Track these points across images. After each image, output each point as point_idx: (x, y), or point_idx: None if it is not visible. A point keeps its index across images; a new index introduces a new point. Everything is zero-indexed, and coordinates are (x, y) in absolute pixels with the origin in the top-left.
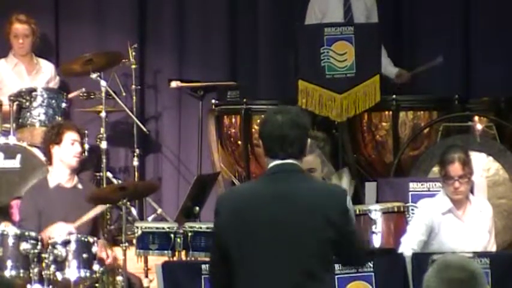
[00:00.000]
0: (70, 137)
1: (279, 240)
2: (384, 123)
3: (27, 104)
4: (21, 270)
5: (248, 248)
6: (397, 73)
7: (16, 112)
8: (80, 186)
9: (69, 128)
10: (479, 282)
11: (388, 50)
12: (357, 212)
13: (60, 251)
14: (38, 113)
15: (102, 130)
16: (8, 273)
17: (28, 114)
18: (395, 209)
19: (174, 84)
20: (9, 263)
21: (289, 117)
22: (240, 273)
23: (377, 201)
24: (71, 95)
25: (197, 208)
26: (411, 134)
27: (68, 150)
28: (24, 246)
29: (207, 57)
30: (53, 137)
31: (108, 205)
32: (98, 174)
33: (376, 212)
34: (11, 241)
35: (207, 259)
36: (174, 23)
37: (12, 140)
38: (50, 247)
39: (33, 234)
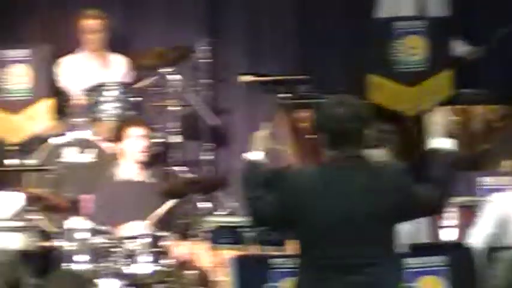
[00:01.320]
0: (135, 132)
1: (344, 228)
2: (455, 118)
3: (100, 98)
4: (91, 265)
5: (315, 231)
6: (470, 50)
7: (89, 107)
8: (150, 180)
9: (135, 123)
10: None
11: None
12: None
13: (131, 245)
14: (110, 108)
15: (173, 124)
16: (78, 267)
17: (101, 108)
18: (466, 204)
19: (245, 78)
20: (79, 257)
21: (349, 110)
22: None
23: None
24: (140, 83)
25: None
26: (483, 128)
27: (133, 145)
28: (94, 240)
29: (278, 51)
30: (120, 132)
31: (178, 199)
32: (168, 168)
33: None
34: (81, 235)
35: (277, 253)
36: (245, 17)
37: (86, 134)
38: (120, 241)
39: (103, 228)
